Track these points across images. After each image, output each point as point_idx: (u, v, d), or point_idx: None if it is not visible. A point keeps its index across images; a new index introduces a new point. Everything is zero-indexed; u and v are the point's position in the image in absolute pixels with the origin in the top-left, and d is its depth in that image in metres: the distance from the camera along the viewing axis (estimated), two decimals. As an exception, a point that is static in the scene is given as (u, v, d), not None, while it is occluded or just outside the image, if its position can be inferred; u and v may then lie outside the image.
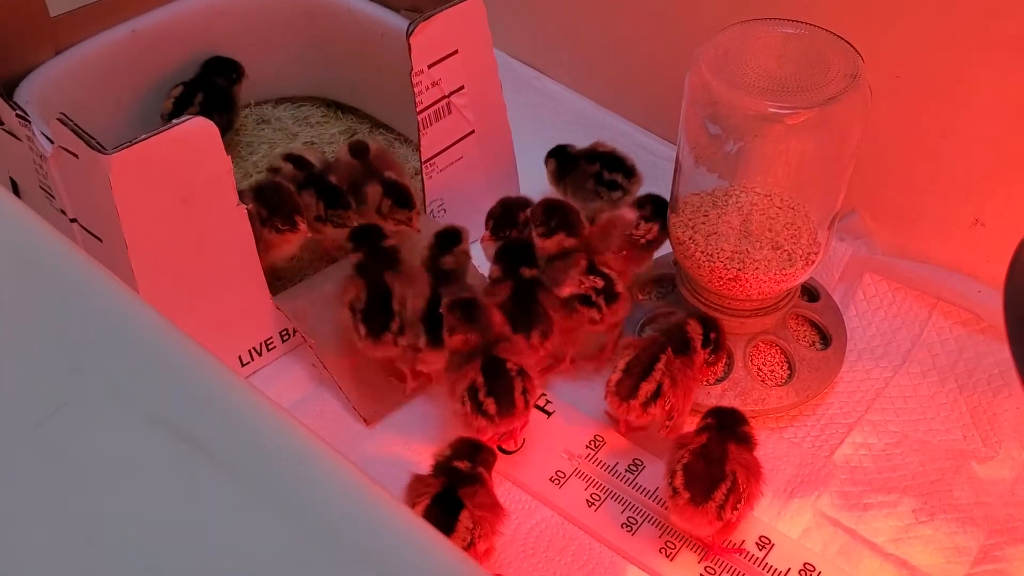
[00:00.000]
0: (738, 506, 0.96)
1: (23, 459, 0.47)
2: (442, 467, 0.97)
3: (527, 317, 1.10)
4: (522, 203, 1.23)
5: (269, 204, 1.14)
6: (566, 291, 1.11)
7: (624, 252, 1.17)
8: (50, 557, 0.44)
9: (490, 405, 1.02)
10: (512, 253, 1.14)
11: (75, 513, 0.45)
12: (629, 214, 1.18)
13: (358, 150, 1.27)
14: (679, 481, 0.96)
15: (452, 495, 0.94)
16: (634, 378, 1.05)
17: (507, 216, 1.22)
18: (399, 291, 1.10)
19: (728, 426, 0.99)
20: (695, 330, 1.07)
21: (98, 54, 1.32)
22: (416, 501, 0.94)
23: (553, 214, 1.14)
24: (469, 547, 0.93)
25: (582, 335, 1.16)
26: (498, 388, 1.02)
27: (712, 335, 1.08)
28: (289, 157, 1.26)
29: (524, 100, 1.52)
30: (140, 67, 1.36)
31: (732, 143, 1.07)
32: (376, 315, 1.09)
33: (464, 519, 0.93)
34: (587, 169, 1.31)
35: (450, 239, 1.16)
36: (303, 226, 1.16)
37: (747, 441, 1.00)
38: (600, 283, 1.11)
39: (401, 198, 1.20)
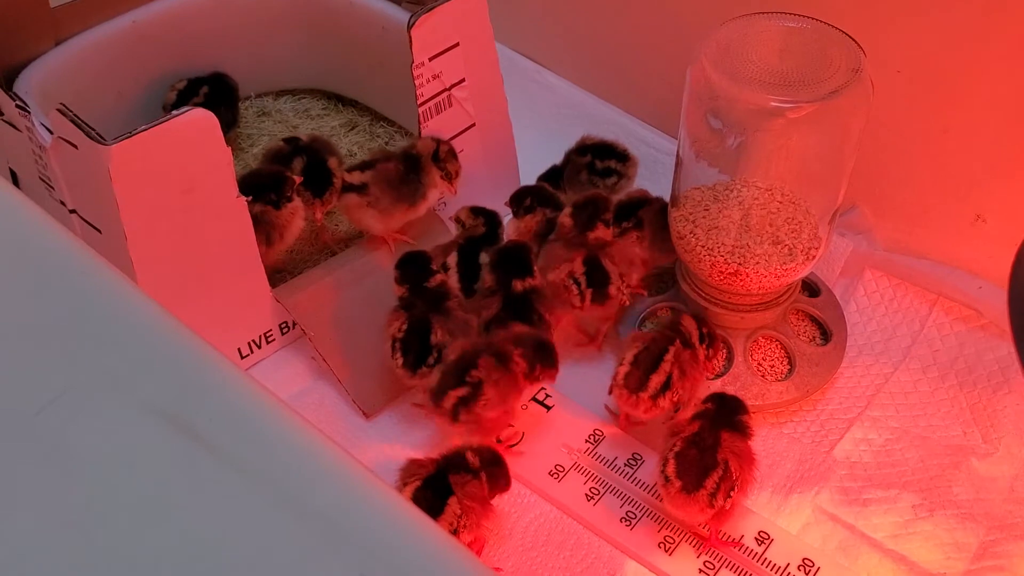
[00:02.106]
0: (731, 494, 0.96)
1: (20, 448, 0.47)
2: (451, 455, 0.97)
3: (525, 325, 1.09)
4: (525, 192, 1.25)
5: (265, 187, 1.15)
6: (550, 276, 1.13)
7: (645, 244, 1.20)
8: (46, 546, 0.44)
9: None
10: (507, 263, 1.13)
11: (72, 503, 0.45)
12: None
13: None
14: (671, 469, 0.96)
15: (443, 480, 0.94)
16: (643, 370, 1.05)
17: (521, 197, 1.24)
18: (440, 329, 1.09)
19: (724, 414, 1.00)
20: (691, 325, 1.08)
21: (98, 45, 1.31)
22: (408, 481, 0.95)
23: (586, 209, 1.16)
24: (452, 535, 0.93)
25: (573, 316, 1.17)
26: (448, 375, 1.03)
27: (704, 330, 1.08)
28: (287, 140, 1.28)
29: (525, 94, 1.52)
30: (140, 58, 1.36)
31: (733, 137, 1.07)
32: (414, 347, 1.09)
33: (452, 505, 0.93)
34: (578, 162, 1.31)
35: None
36: (298, 178, 1.17)
37: (743, 430, 1.00)
38: (574, 290, 1.12)
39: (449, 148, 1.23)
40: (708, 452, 0.96)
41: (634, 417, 1.09)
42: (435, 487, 0.94)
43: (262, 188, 1.14)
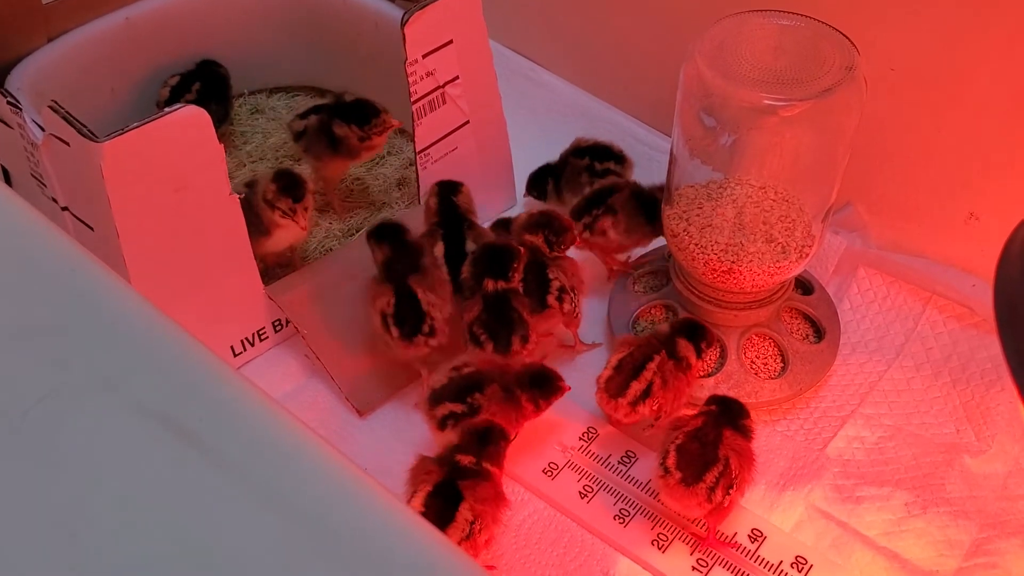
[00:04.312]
0: (729, 491, 0.96)
1: (8, 448, 0.47)
2: (445, 459, 0.96)
3: (506, 326, 1.09)
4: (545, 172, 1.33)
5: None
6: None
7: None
8: (35, 546, 0.43)
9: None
10: (484, 262, 1.12)
11: (61, 502, 0.45)
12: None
13: None
14: (671, 461, 0.96)
15: (453, 486, 0.94)
16: (624, 376, 1.05)
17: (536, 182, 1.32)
18: (424, 295, 1.11)
19: (728, 416, 1.00)
20: (687, 348, 1.07)
21: (91, 42, 1.31)
22: (418, 487, 0.94)
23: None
24: (468, 538, 0.93)
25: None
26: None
27: (702, 345, 1.08)
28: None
29: (519, 91, 1.52)
30: (133, 55, 1.36)
31: (727, 135, 1.07)
32: (408, 318, 1.10)
33: (464, 511, 0.92)
34: (577, 164, 1.32)
35: (451, 186, 1.20)
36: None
37: (745, 433, 1.00)
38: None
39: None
40: (710, 447, 0.97)
41: (617, 420, 1.09)
42: (444, 494, 0.93)
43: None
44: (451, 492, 0.93)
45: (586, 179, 1.30)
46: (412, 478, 0.96)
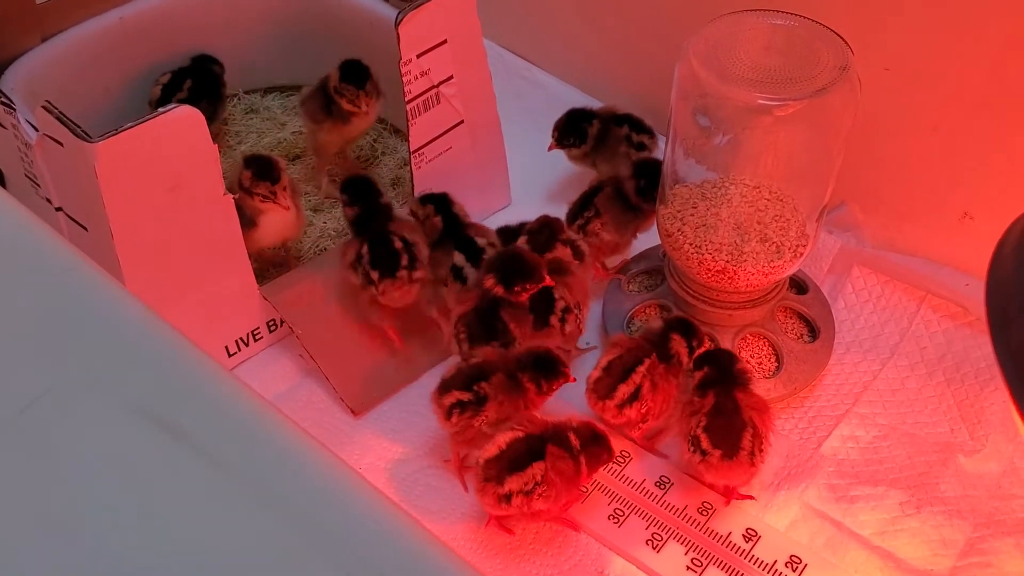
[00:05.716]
0: (762, 446, 0.99)
1: (2, 448, 0.47)
2: (557, 427, 0.99)
3: (487, 332, 1.08)
4: (588, 114, 1.34)
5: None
6: None
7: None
8: (28, 545, 0.43)
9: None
10: (502, 265, 1.09)
11: (55, 502, 0.45)
12: None
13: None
14: (706, 443, 0.98)
15: (543, 443, 0.97)
16: (613, 378, 1.05)
17: (573, 124, 1.34)
18: (397, 232, 1.14)
19: (724, 373, 1.01)
20: (679, 344, 1.06)
21: (85, 41, 1.31)
22: (514, 428, 0.98)
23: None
24: (525, 495, 0.95)
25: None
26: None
27: (694, 343, 1.07)
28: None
29: (513, 90, 1.52)
30: (127, 55, 1.36)
31: (721, 135, 1.07)
32: (383, 257, 1.12)
33: (537, 467, 0.95)
34: (617, 132, 1.34)
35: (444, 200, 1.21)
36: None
37: (746, 380, 1.02)
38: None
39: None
40: (733, 416, 0.99)
41: (604, 421, 1.08)
42: (532, 444, 0.96)
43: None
44: (538, 446, 0.96)
45: (624, 149, 1.33)
46: (516, 419, 0.99)
